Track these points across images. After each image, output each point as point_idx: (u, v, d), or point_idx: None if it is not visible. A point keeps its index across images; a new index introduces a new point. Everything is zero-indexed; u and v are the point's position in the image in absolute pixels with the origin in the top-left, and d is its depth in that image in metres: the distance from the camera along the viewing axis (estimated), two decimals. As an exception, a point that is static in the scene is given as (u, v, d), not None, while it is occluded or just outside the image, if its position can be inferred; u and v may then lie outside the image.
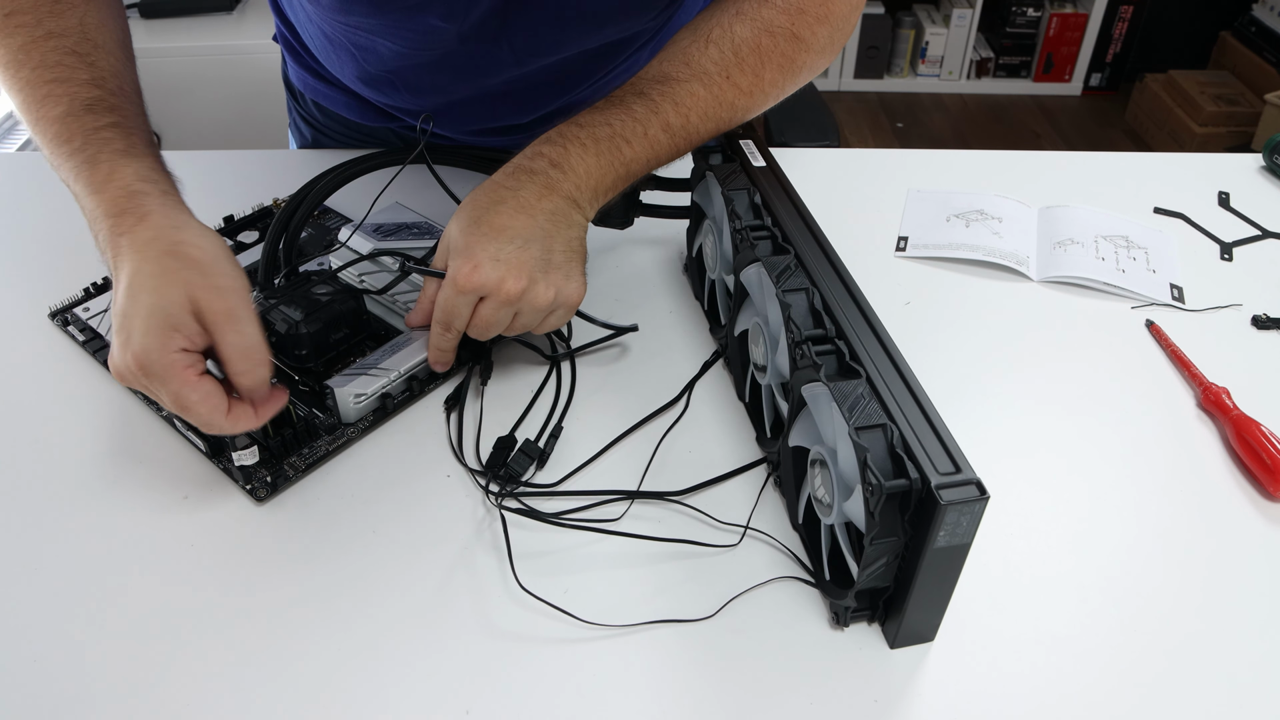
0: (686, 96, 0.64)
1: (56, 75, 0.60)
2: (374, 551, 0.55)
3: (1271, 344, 0.71)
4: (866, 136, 2.87)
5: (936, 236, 0.80)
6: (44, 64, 0.60)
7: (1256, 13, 2.76)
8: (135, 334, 0.52)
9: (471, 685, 0.49)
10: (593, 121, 0.63)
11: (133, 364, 0.52)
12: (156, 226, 0.54)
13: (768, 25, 0.65)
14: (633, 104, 0.63)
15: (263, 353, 0.54)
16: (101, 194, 0.55)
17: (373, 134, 0.90)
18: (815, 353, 0.51)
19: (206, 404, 0.53)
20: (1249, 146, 2.51)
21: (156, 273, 0.52)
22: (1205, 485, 0.61)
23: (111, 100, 0.60)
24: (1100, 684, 0.50)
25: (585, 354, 0.68)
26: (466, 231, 0.59)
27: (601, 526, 0.56)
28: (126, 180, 0.56)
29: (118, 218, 0.54)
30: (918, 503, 0.45)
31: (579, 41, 0.75)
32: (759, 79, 0.66)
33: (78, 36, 0.61)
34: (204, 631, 0.51)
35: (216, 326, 0.52)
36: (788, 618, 0.53)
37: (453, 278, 0.59)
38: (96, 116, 0.58)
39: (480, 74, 0.77)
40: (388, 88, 0.81)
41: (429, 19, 0.70)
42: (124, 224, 0.54)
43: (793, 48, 0.66)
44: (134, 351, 0.52)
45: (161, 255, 0.53)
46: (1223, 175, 0.89)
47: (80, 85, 0.59)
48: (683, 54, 0.65)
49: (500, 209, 0.59)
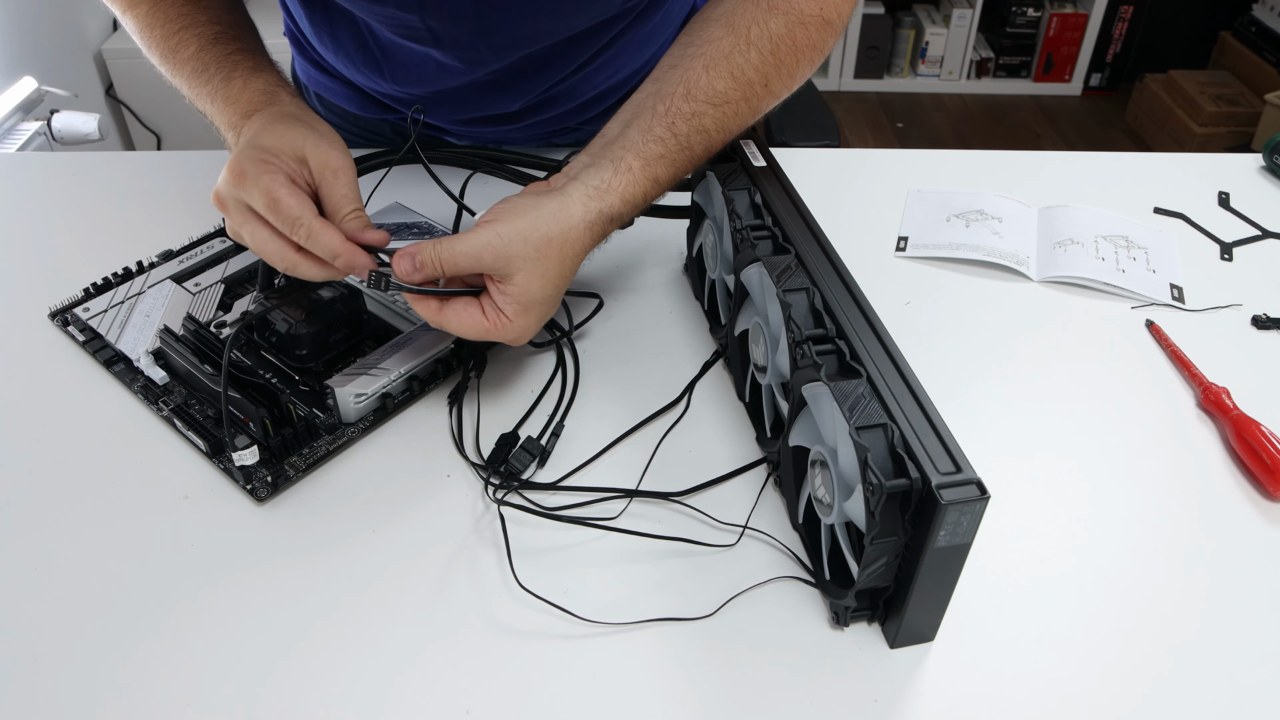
0: (732, 118, 0.64)
1: (181, 24, 0.68)
2: (374, 551, 0.55)
3: (1271, 344, 0.71)
4: (866, 136, 2.87)
5: (936, 236, 0.80)
6: (168, 18, 0.68)
7: (1256, 13, 2.76)
8: (237, 154, 0.58)
9: (472, 684, 0.49)
10: (654, 155, 0.62)
11: (229, 175, 0.58)
12: (288, 104, 0.64)
13: (800, 16, 0.64)
14: (694, 143, 0.63)
15: (360, 204, 0.60)
16: (239, 99, 0.64)
17: (372, 128, 0.91)
18: (816, 352, 0.51)
19: (295, 199, 0.57)
20: (1249, 146, 2.51)
21: (276, 127, 0.60)
22: (1205, 485, 0.61)
23: (233, 31, 0.68)
24: (1100, 684, 0.50)
25: (585, 354, 0.68)
26: (546, 280, 0.58)
27: (601, 523, 0.56)
28: (261, 85, 0.65)
29: (254, 110, 0.63)
30: (918, 502, 0.45)
31: (553, 30, 0.75)
32: (792, 78, 0.66)
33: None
34: (204, 631, 0.51)
35: (322, 176, 0.59)
36: (788, 617, 0.53)
37: (512, 327, 0.58)
38: (223, 45, 0.67)
39: (460, 66, 0.77)
40: (375, 73, 0.81)
41: (388, 8, 0.70)
42: (259, 108, 0.63)
43: (822, 34, 0.66)
44: (231, 162, 0.58)
45: (286, 117, 0.62)
46: (1223, 175, 0.89)
47: (203, 25, 0.67)
48: (726, 60, 0.63)
49: (571, 264, 0.60)
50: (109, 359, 0.66)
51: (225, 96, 0.64)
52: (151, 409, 0.63)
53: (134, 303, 0.70)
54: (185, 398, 0.63)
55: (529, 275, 0.57)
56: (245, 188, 0.57)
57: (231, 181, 0.58)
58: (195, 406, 0.62)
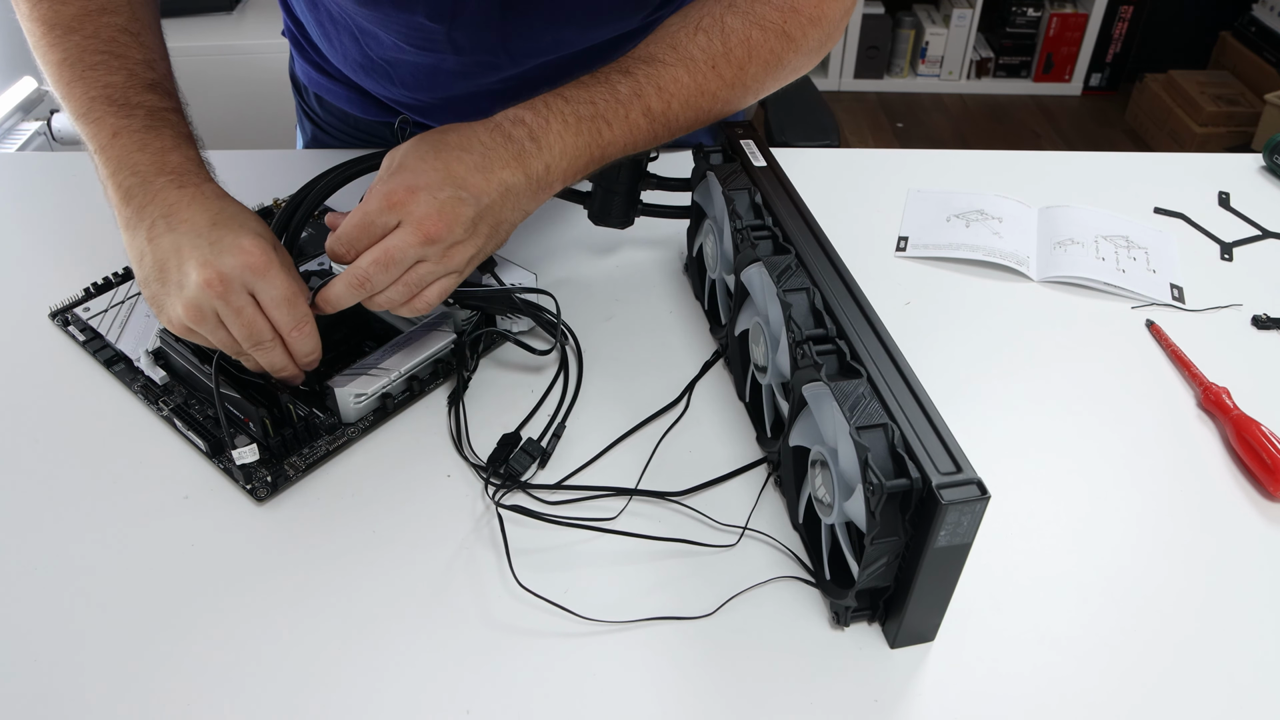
0: (671, 82, 0.63)
1: (111, 49, 0.62)
2: (374, 551, 0.55)
3: (1271, 344, 0.71)
4: (866, 136, 2.87)
5: (936, 236, 0.80)
6: (97, 35, 0.62)
7: (1256, 13, 2.76)
8: (209, 254, 0.53)
9: (472, 684, 0.49)
10: (577, 97, 0.61)
11: (250, 260, 0.53)
12: (220, 193, 0.58)
13: (759, 19, 0.65)
14: (617, 84, 0.62)
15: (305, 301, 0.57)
16: (164, 156, 0.58)
17: (372, 130, 0.91)
18: (816, 352, 0.51)
19: (300, 303, 0.55)
20: (1249, 146, 2.51)
21: (248, 216, 0.56)
22: (1205, 485, 0.61)
23: (167, 85, 0.63)
24: (1100, 684, 0.50)
25: (586, 354, 0.68)
26: (421, 157, 0.57)
27: (599, 525, 0.56)
28: (190, 154, 0.59)
29: (179, 175, 0.57)
30: (918, 502, 0.45)
31: (575, 40, 0.75)
32: (743, 72, 0.65)
33: (128, 15, 0.64)
34: (204, 631, 0.51)
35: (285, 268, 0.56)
36: (788, 617, 0.53)
37: (384, 191, 0.55)
38: (160, 98, 0.61)
39: (476, 73, 0.77)
40: (384, 78, 0.81)
41: (416, 17, 0.70)
42: (187, 181, 0.57)
43: (781, 45, 0.66)
44: (249, 246, 0.53)
45: (240, 206, 0.58)
46: (1223, 175, 0.89)
47: (137, 64, 0.62)
48: (670, 38, 0.64)
49: (464, 157, 0.57)
50: (109, 359, 0.66)
51: (144, 143, 0.58)
52: (151, 409, 0.63)
53: (134, 302, 0.70)
54: (185, 398, 0.63)
55: (401, 146, 0.58)
56: (270, 277, 0.54)
57: (253, 268, 0.53)
58: (195, 406, 0.62)
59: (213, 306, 0.54)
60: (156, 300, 0.56)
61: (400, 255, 0.55)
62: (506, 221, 0.60)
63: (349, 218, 0.57)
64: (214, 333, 0.55)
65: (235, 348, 0.56)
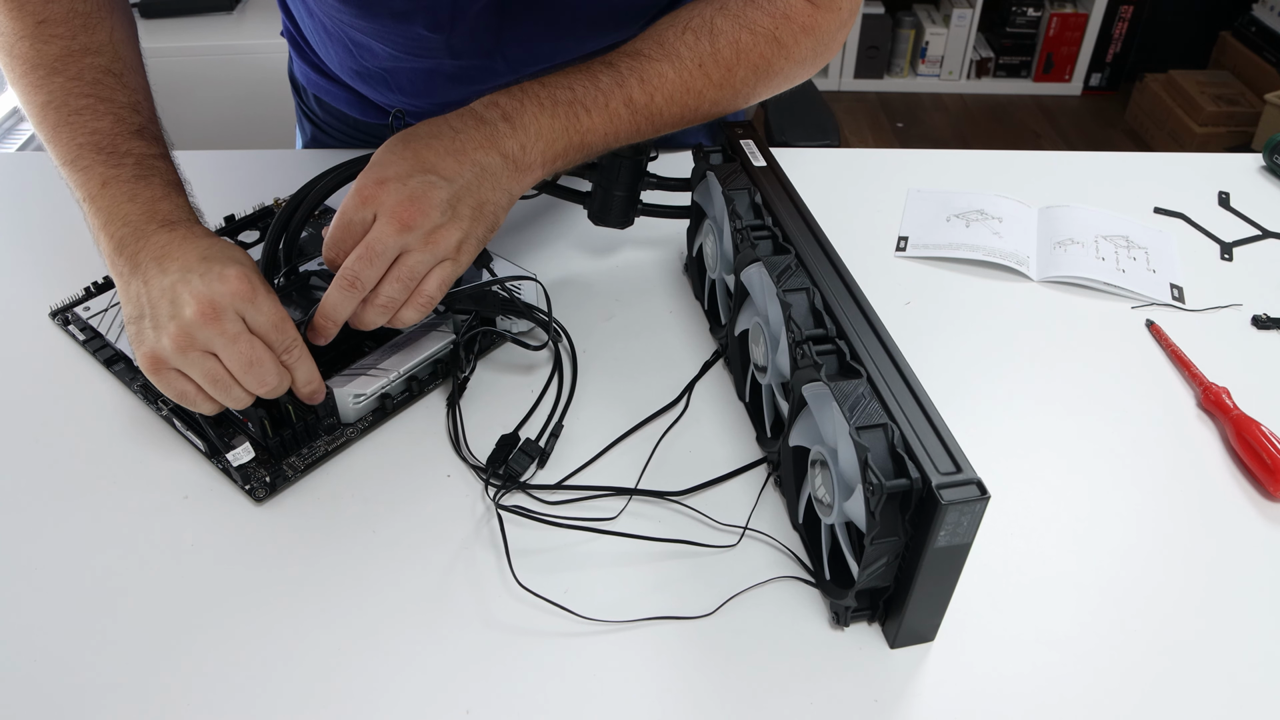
0: (655, 76, 0.63)
1: (96, 93, 0.61)
2: (373, 551, 0.55)
3: (1271, 344, 0.71)
4: (866, 136, 2.87)
5: (936, 236, 0.80)
6: (81, 78, 0.61)
7: (1256, 13, 2.75)
8: (200, 286, 0.53)
9: (472, 683, 0.49)
10: (556, 83, 0.61)
11: (237, 286, 0.54)
12: (208, 233, 0.58)
13: (749, 23, 0.65)
14: (599, 73, 0.62)
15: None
16: (155, 205, 0.58)
17: (370, 131, 0.91)
18: (816, 352, 0.51)
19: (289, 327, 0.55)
20: (1249, 146, 2.51)
21: (234, 248, 0.57)
22: (1205, 485, 0.61)
23: (153, 129, 0.63)
24: (1100, 684, 0.50)
25: (585, 354, 0.68)
26: (391, 150, 0.57)
27: (598, 526, 0.56)
28: (180, 202, 0.59)
29: (170, 223, 0.57)
30: (918, 502, 0.45)
31: (572, 49, 0.75)
32: (731, 74, 0.65)
33: (110, 55, 0.63)
34: (204, 631, 0.51)
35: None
36: (788, 617, 0.53)
37: (357, 188, 0.56)
38: (147, 144, 0.61)
39: (473, 80, 0.77)
40: (381, 85, 0.81)
41: (415, 28, 0.70)
42: (178, 225, 0.57)
43: (771, 50, 0.66)
44: (237, 274, 0.54)
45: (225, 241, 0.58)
46: (1223, 175, 0.89)
47: (123, 108, 0.62)
48: (657, 36, 0.64)
49: (433, 143, 0.58)
50: (109, 358, 0.66)
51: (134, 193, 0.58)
52: (151, 409, 0.63)
53: (134, 303, 0.70)
54: (185, 398, 0.63)
55: (381, 146, 0.58)
56: (258, 303, 0.54)
57: (242, 295, 0.54)
58: (195, 406, 0.62)
59: (204, 335, 0.53)
60: (140, 336, 0.55)
61: (381, 247, 0.56)
62: (490, 202, 0.59)
63: (332, 221, 0.57)
64: (198, 364, 0.54)
65: (214, 379, 0.55)
